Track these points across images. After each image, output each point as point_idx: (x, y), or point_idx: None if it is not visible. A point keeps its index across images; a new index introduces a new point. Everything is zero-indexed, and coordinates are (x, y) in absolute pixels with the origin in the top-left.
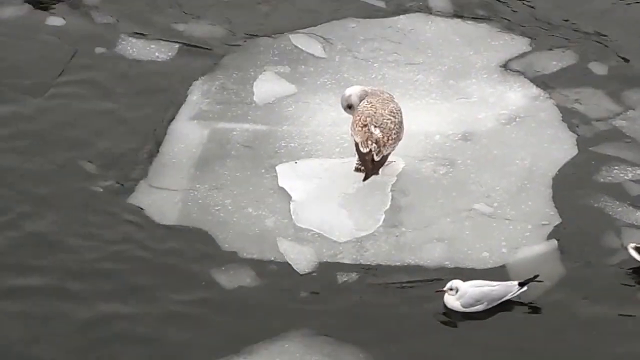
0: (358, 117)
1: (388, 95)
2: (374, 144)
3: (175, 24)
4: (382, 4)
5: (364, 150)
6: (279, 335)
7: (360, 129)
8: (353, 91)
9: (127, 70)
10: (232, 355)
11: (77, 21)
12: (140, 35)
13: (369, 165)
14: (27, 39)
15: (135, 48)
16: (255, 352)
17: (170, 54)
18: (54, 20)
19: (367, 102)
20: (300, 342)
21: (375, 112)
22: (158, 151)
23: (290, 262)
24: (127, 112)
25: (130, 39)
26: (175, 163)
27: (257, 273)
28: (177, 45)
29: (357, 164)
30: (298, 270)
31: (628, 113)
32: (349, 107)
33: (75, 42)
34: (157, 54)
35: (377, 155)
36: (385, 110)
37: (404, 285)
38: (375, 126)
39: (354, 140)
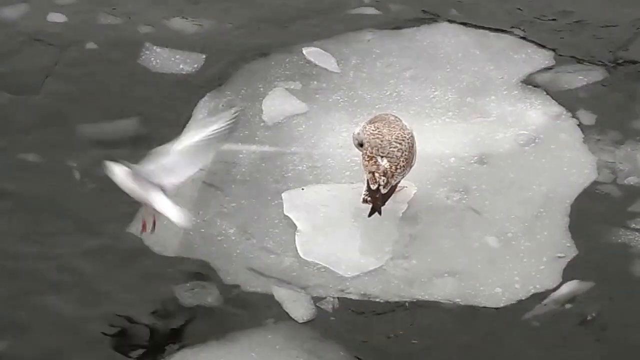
0: (365, 151)
1: (394, 118)
2: (382, 177)
3: (181, 32)
4: (400, 15)
5: (374, 187)
6: None
7: (367, 162)
8: (361, 128)
9: (135, 82)
10: None
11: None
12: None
13: (376, 200)
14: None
15: (155, 58)
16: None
17: (181, 65)
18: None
19: (374, 127)
20: None
21: (382, 141)
22: None
23: (293, 300)
24: (129, 128)
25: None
26: (178, 187)
27: (259, 308)
28: (186, 57)
29: (364, 194)
30: (302, 309)
31: None
32: (361, 145)
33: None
34: (167, 63)
35: (384, 187)
36: (392, 136)
37: (411, 324)
38: (382, 156)
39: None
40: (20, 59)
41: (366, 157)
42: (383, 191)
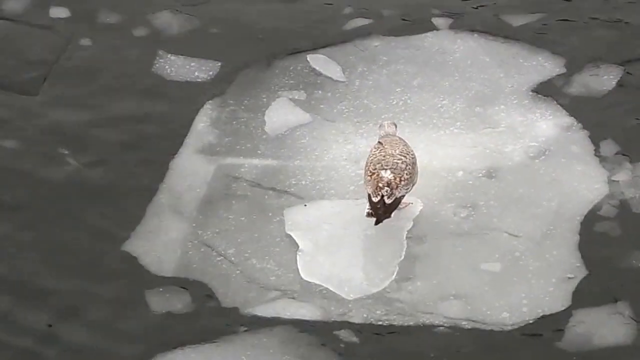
0: (367, 166)
1: (398, 139)
2: (385, 188)
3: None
4: (407, 21)
5: (376, 199)
6: None
7: (369, 177)
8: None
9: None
10: None
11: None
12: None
13: (379, 211)
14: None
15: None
16: None
17: (181, 71)
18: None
19: (375, 147)
20: None
21: (384, 156)
22: (158, 189)
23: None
24: (128, 140)
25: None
26: (176, 204)
27: (258, 332)
28: (190, 64)
29: (368, 209)
30: (302, 332)
31: None
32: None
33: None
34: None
35: (388, 197)
36: (395, 150)
37: (415, 349)
38: (385, 169)
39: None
40: (23, 54)
41: (368, 172)
42: (388, 201)
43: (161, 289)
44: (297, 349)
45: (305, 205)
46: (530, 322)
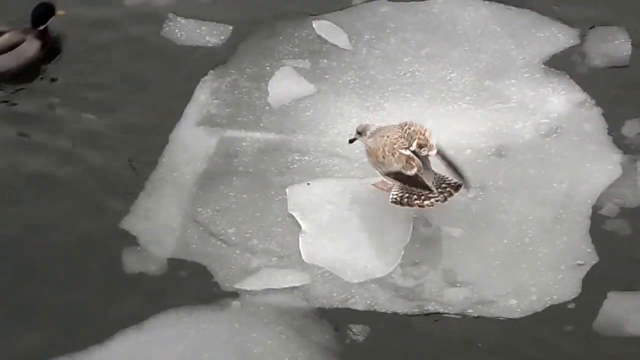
0: (381, 151)
1: (385, 126)
2: (414, 160)
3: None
4: None
5: (411, 172)
6: None
7: (393, 156)
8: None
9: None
10: None
11: None
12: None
13: (422, 180)
14: None
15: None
16: None
17: (192, 36)
18: None
19: (379, 136)
20: None
21: (396, 138)
22: (157, 163)
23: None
24: (124, 110)
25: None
26: (176, 179)
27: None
28: (201, 28)
29: (394, 195)
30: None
31: None
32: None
33: None
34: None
35: (430, 150)
36: (396, 134)
37: (419, 336)
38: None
39: (390, 170)
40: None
41: (388, 152)
42: (432, 153)
43: (163, 271)
44: (292, 320)
45: (308, 183)
46: (539, 310)
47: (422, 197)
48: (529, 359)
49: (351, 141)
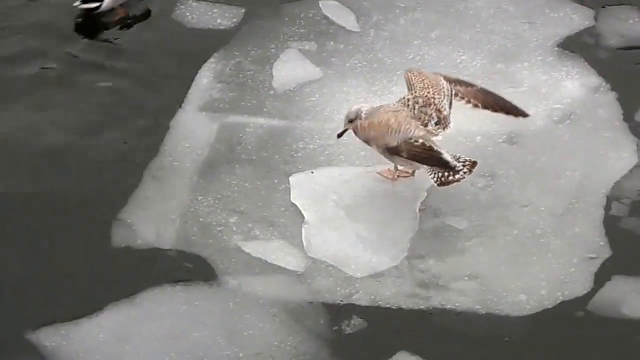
0: (393, 120)
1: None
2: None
3: None
4: None
5: (437, 136)
6: None
7: (408, 124)
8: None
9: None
10: None
11: None
12: None
13: (441, 156)
14: None
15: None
16: None
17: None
18: None
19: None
20: None
21: (403, 114)
22: (158, 150)
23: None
24: (127, 94)
25: None
26: (176, 167)
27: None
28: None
29: (438, 176)
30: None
31: None
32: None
33: None
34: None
35: (447, 127)
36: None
37: (424, 333)
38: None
39: (406, 139)
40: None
41: (402, 123)
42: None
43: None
44: (288, 304)
45: (312, 172)
46: (549, 306)
47: (451, 172)
48: (537, 358)
49: (340, 135)
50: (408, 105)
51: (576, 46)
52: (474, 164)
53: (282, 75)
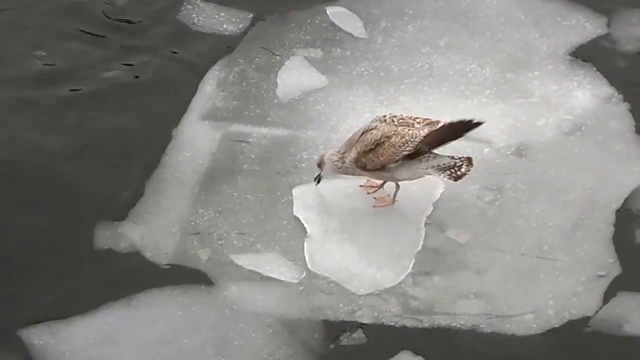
0: (394, 131)
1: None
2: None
3: None
4: None
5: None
6: None
7: (407, 130)
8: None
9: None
10: None
11: None
12: None
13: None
14: None
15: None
16: None
17: (208, 22)
18: None
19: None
20: None
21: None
22: (159, 161)
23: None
24: (128, 103)
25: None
26: (177, 178)
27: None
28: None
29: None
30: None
31: None
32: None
33: None
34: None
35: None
36: (372, 133)
37: (428, 353)
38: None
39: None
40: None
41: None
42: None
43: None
44: (285, 316)
45: (316, 184)
46: (556, 326)
47: (457, 167)
48: None
49: (318, 179)
50: (385, 121)
51: (588, 55)
52: (469, 159)
53: (286, 83)
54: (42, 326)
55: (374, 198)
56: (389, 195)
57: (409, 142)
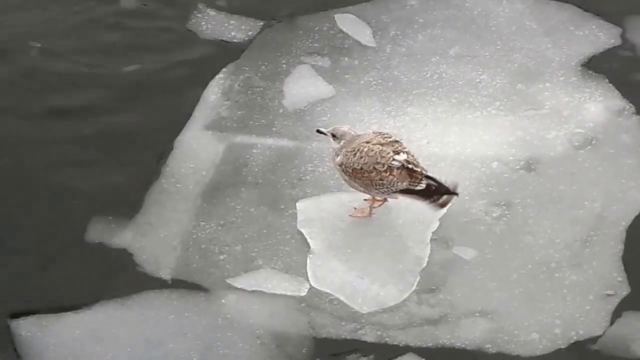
0: (371, 169)
1: (354, 134)
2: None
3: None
4: None
5: (421, 184)
6: None
7: (392, 175)
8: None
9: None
10: None
11: None
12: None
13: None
14: None
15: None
16: None
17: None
18: None
19: (351, 153)
20: None
21: (377, 150)
22: (160, 172)
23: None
24: (128, 112)
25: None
26: (179, 189)
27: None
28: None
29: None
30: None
31: None
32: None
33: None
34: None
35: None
36: (372, 140)
37: None
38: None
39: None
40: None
41: (381, 173)
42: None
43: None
44: (276, 328)
45: (320, 198)
46: (563, 347)
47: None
48: None
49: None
50: (382, 145)
51: (601, 66)
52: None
53: (293, 92)
54: (32, 319)
55: (354, 208)
56: (369, 206)
57: (383, 187)
